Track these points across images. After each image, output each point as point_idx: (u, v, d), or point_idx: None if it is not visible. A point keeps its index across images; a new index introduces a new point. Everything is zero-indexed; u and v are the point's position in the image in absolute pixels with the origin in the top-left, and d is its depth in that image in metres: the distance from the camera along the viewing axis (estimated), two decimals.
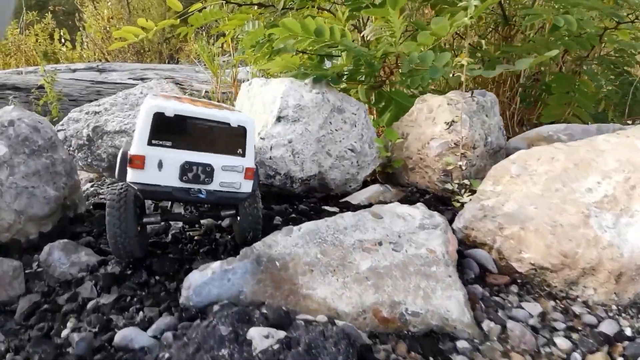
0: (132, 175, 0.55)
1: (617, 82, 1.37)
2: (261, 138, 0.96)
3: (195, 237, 0.74)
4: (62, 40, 3.73)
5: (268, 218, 0.85)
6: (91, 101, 2.31)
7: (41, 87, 2.06)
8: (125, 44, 1.38)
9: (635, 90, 1.28)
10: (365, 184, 1.08)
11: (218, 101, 2.35)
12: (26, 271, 0.63)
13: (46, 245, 0.65)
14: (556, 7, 1.19)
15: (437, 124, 0.95)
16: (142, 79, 2.84)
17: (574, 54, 1.38)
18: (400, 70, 1.09)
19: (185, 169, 0.56)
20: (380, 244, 0.61)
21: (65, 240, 0.66)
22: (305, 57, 1.28)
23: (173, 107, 0.55)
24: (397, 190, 1.02)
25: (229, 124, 0.58)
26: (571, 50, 1.26)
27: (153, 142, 0.54)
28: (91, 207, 0.99)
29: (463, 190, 0.85)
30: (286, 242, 0.60)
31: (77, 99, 2.22)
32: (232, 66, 2.05)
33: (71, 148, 1.39)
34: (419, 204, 0.70)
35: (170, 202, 0.70)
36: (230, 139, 0.58)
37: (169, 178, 0.56)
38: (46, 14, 3.84)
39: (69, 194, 0.86)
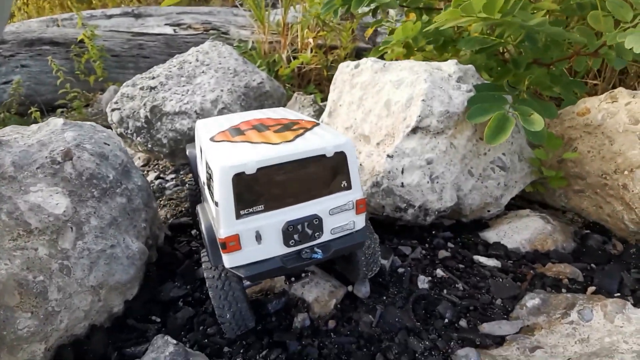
0: (229, 260, 0.44)
1: None
2: (388, 156, 0.70)
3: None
4: None
5: (409, 277, 0.63)
6: (134, 56, 2.08)
7: (81, 41, 1.82)
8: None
9: None
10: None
11: (265, 53, 2.02)
12: None
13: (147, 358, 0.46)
14: None
15: None
16: (178, 25, 2.55)
17: None
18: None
19: (289, 231, 0.44)
20: None
21: (174, 344, 0.47)
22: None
23: (253, 159, 0.41)
24: (560, 224, 0.76)
25: (324, 155, 0.44)
26: None
27: (242, 213, 0.42)
28: (169, 232, 0.80)
29: None
30: None
31: (119, 54, 1.98)
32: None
33: (129, 131, 1.19)
34: None
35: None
36: (330, 172, 0.46)
37: (273, 247, 0.45)
38: None
39: (150, 231, 0.66)
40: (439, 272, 0.65)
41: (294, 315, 0.56)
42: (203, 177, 0.53)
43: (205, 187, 0.51)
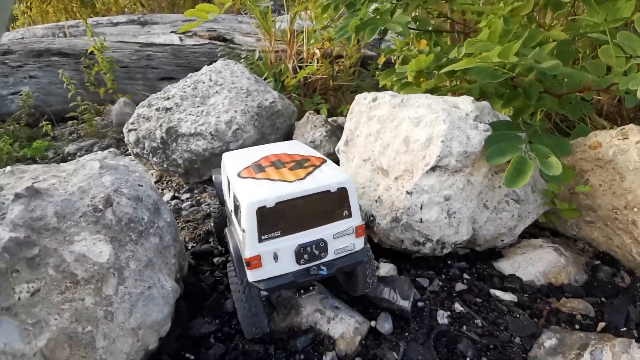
0: (252, 275, 0.54)
1: None
2: (407, 192, 0.73)
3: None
4: None
5: (429, 311, 0.66)
6: (142, 67, 2.09)
7: (91, 53, 1.83)
8: (197, 24, 1.10)
9: None
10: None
11: (271, 63, 2.04)
12: None
13: None
14: None
15: None
16: (184, 32, 2.56)
17: None
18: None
19: (300, 252, 0.54)
20: None
21: None
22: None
23: (272, 195, 0.51)
24: (572, 255, 0.79)
25: (329, 190, 0.54)
26: None
27: (263, 238, 0.52)
28: (192, 259, 0.83)
29: None
30: None
31: (128, 65, 1.99)
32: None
33: (145, 151, 1.21)
34: None
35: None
36: (334, 204, 0.55)
37: (287, 265, 0.54)
38: None
39: (178, 265, 0.69)
40: (457, 306, 0.67)
41: (322, 354, 0.58)
42: (230, 205, 0.62)
43: (232, 214, 0.60)
